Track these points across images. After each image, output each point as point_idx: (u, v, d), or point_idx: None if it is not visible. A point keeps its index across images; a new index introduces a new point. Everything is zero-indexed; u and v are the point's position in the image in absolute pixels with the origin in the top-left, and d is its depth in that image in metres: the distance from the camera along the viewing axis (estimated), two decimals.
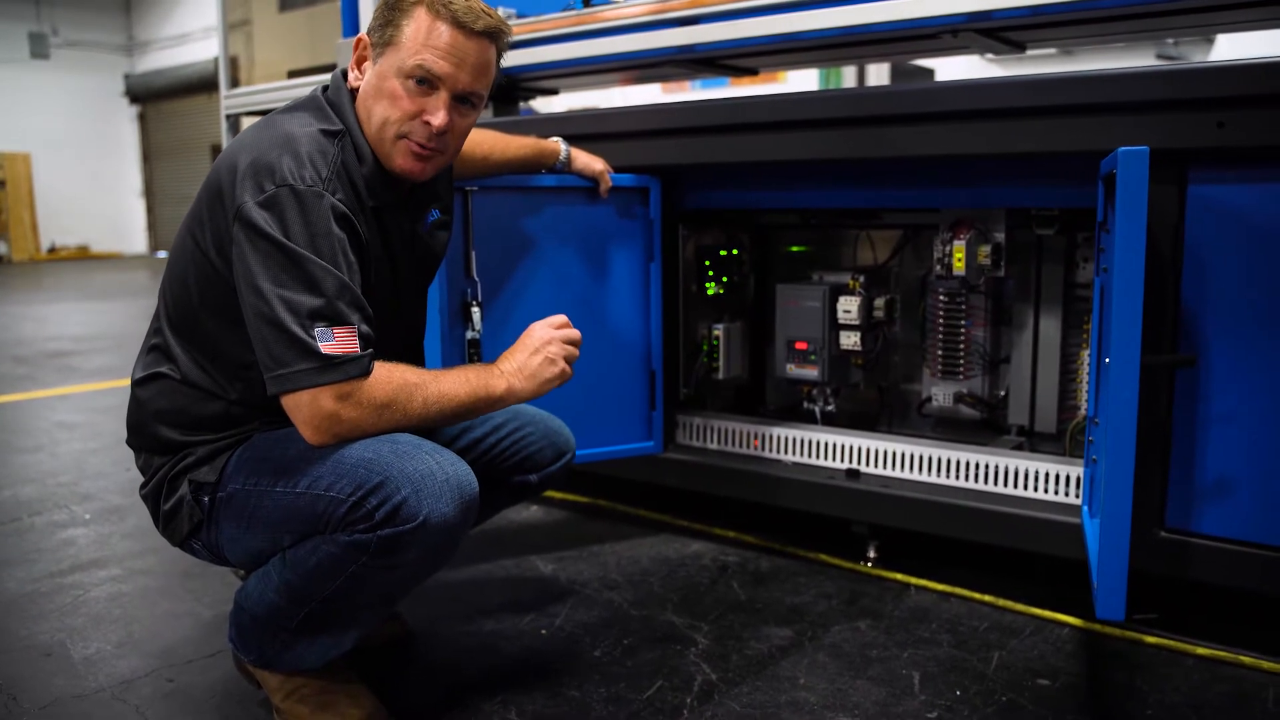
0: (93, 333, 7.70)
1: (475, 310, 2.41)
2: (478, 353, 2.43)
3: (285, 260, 1.57)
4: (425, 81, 1.71)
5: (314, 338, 1.55)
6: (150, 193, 20.02)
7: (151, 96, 19.13)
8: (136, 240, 20.21)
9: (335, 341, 1.56)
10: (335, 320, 1.57)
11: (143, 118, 19.81)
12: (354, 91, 1.79)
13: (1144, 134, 1.98)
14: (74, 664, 2.10)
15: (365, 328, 1.61)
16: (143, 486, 1.85)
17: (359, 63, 1.79)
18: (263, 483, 1.70)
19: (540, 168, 2.48)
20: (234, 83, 4.59)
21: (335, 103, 1.78)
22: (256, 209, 1.58)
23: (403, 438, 1.66)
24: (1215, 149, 1.94)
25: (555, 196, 2.54)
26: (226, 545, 1.78)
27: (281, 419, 1.66)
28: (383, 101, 1.72)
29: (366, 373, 1.60)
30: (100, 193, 19.45)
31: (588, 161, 2.54)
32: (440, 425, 1.80)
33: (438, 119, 1.72)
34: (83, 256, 18.97)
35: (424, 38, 1.69)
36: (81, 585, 2.51)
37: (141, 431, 1.82)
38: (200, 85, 16.93)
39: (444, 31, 1.69)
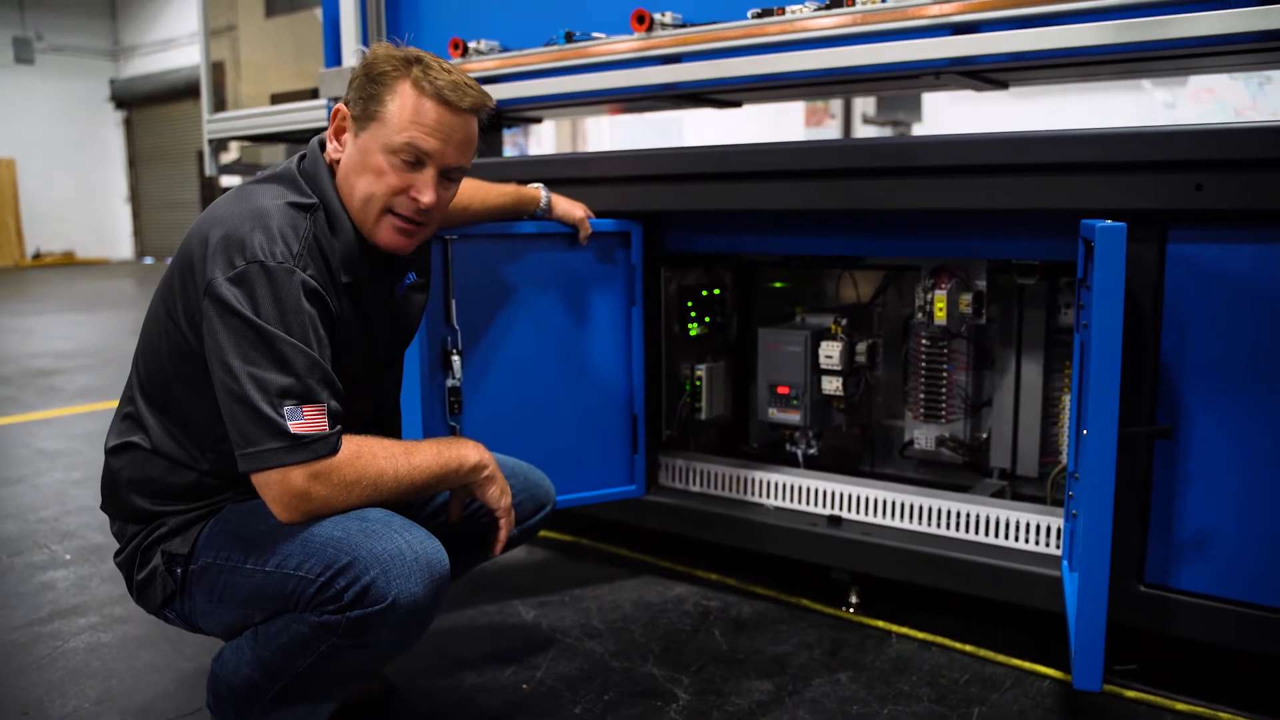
0: (77, 348, 7.66)
1: (455, 358, 2.41)
2: (458, 400, 2.42)
3: (255, 338, 1.57)
4: (412, 158, 1.71)
5: (283, 416, 1.55)
6: (136, 198, 19.93)
7: (137, 102, 19.06)
8: (122, 246, 20.12)
9: (305, 420, 1.56)
10: (305, 398, 1.57)
11: (128, 123, 19.72)
12: (333, 163, 1.78)
13: (1123, 194, 2.00)
14: None
15: (335, 404, 1.61)
16: (117, 554, 1.84)
17: (337, 134, 1.78)
18: (234, 558, 1.69)
19: (521, 215, 2.48)
20: (218, 89, 4.57)
21: (311, 175, 1.77)
22: (226, 285, 1.58)
23: (373, 514, 1.66)
24: (1194, 210, 1.95)
25: (535, 243, 2.54)
26: (200, 617, 1.78)
27: (254, 489, 1.65)
28: (366, 176, 1.72)
29: (335, 450, 1.60)
30: (86, 198, 19.37)
31: (568, 208, 2.53)
32: (412, 498, 1.79)
33: (427, 197, 1.73)
34: (68, 262, 18.87)
35: (410, 114, 1.69)
36: (60, 635, 2.50)
37: (114, 499, 1.82)
38: (186, 91, 16.86)
39: (431, 109, 1.69)
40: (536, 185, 2.50)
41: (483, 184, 2.37)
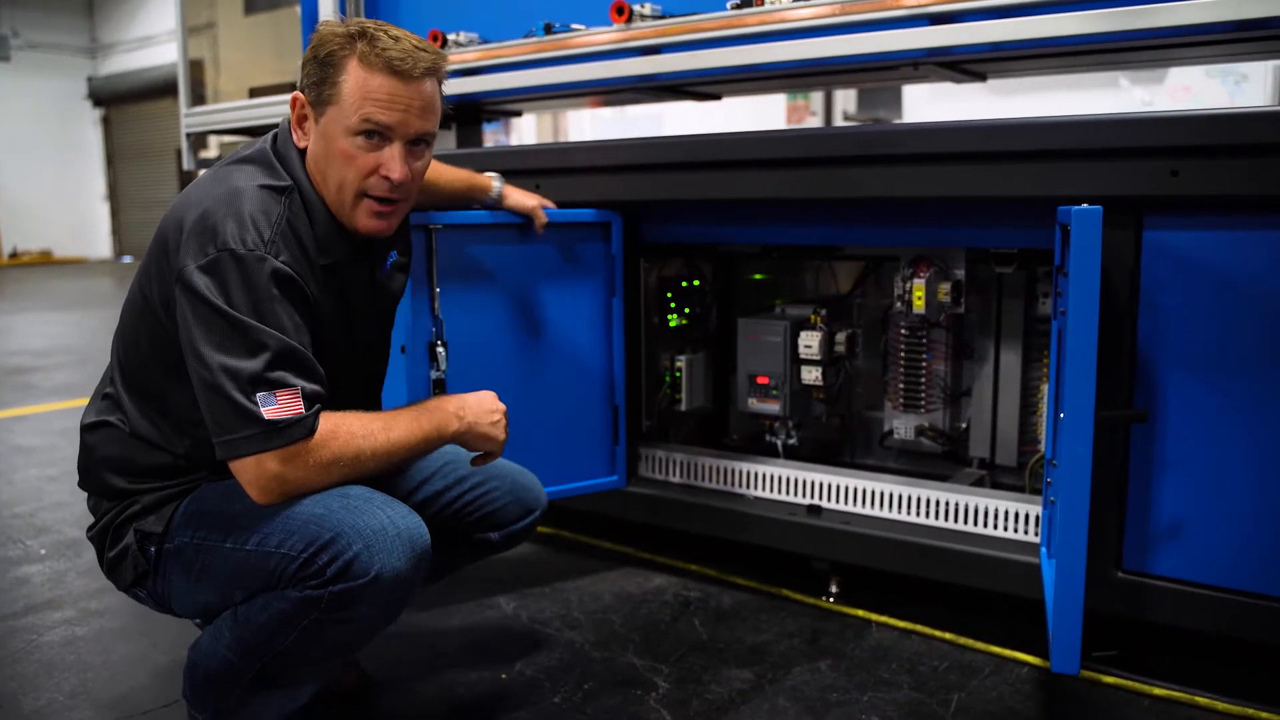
0: (54, 346, 7.60)
1: (440, 350, 2.39)
2: (443, 392, 2.41)
3: (227, 327, 1.56)
4: (374, 135, 1.69)
5: (256, 404, 1.54)
6: (115, 197, 19.77)
7: (116, 100, 18.91)
8: (101, 245, 19.96)
9: (279, 405, 1.55)
10: (278, 384, 1.56)
11: (106, 121, 19.56)
12: (302, 151, 1.76)
13: (1099, 181, 2.00)
14: (24, 716, 2.06)
15: (311, 387, 1.60)
16: (90, 529, 1.84)
17: (299, 122, 1.76)
18: (212, 538, 1.68)
19: (473, 202, 2.44)
20: (197, 85, 4.54)
21: (284, 156, 1.76)
22: (198, 273, 1.57)
23: (354, 491, 1.65)
24: (1169, 197, 1.96)
25: (517, 234, 2.52)
26: (175, 598, 1.77)
27: (229, 470, 1.64)
28: (335, 163, 1.70)
29: (311, 433, 1.59)
30: (63, 197, 19.19)
31: (520, 199, 2.48)
32: (393, 470, 1.79)
33: (397, 173, 1.71)
34: (46, 261, 18.71)
35: (363, 91, 1.66)
36: (35, 629, 2.47)
37: (89, 476, 1.82)
38: (165, 89, 16.71)
39: (383, 83, 1.66)
40: (491, 174, 2.47)
41: (439, 165, 2.33)
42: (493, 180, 2.45)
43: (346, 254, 1.78)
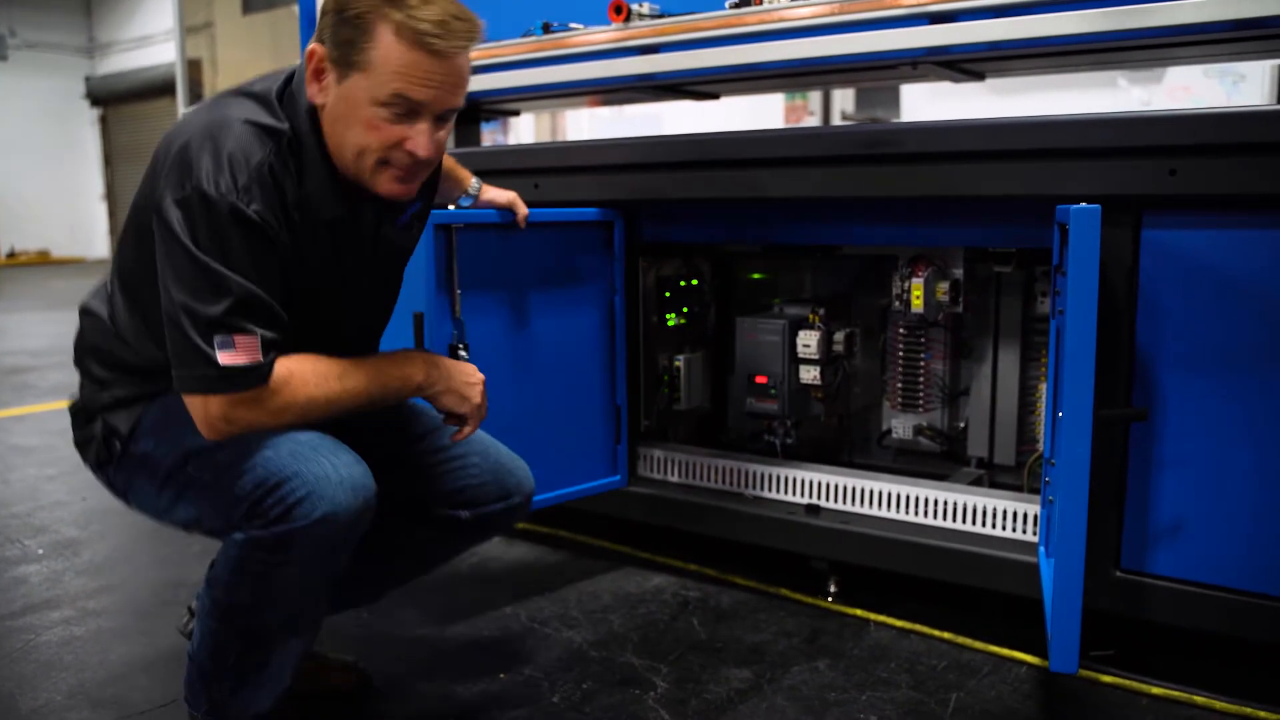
0: (52, 346, 7.58)
1: (462, 353, 2.35)
2: None
3: (192, 267, 1.56)
4: (403, 109, 1.62)
5: (213, 348, 1.55)
6: (112, 197, 19.73)
7: (113, 99, 18.88)
8: (98, 245, 19.92)
9: (236, 350, 1.56)
10: (236, 329, 1.56)
11: (104, 120, 19.53)
12: (317, 107, 1.68)
13: (1098, 180, 2.00)
14: (22, 716, 2.06)
15: (270, 334, 1.59)
16: (72, 404, 1.90)
17: (316, 76, 1.66)
18: (176, 455, 1.73)
19: (449, 195, 2.36)
20: (195, 85, 4.54)
21: (291, 101, 1.69)
22: (173, 207, 1.57)
23: (304, 437, 1.66)
24: (1168, 196, 1.96)
25: (524, 233, 2.49)
26: (133, 496, 1.84)
27: None
28: (356, 129, 1.64)
29: (264, 380, 1.59)
30: (61, 196, 19.17)
31: (495, 194, 2.42)
32: (355, 414, 1.75)
33: (423, 150, 1.66)
34: (43, 261, 18.70)
35: (396, 65, 1.58)
36: (32, 629, 2.47)
37: (77, 355, 1.89)
38: (163, 88, 16.66)
39: (418, 59, 1.58)
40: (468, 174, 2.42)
41: None
42: (471, 177, 2.39)
43: (340, 212, 1.73)
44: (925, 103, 9.07)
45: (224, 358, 1.55)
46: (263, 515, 1.60)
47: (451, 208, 2.38)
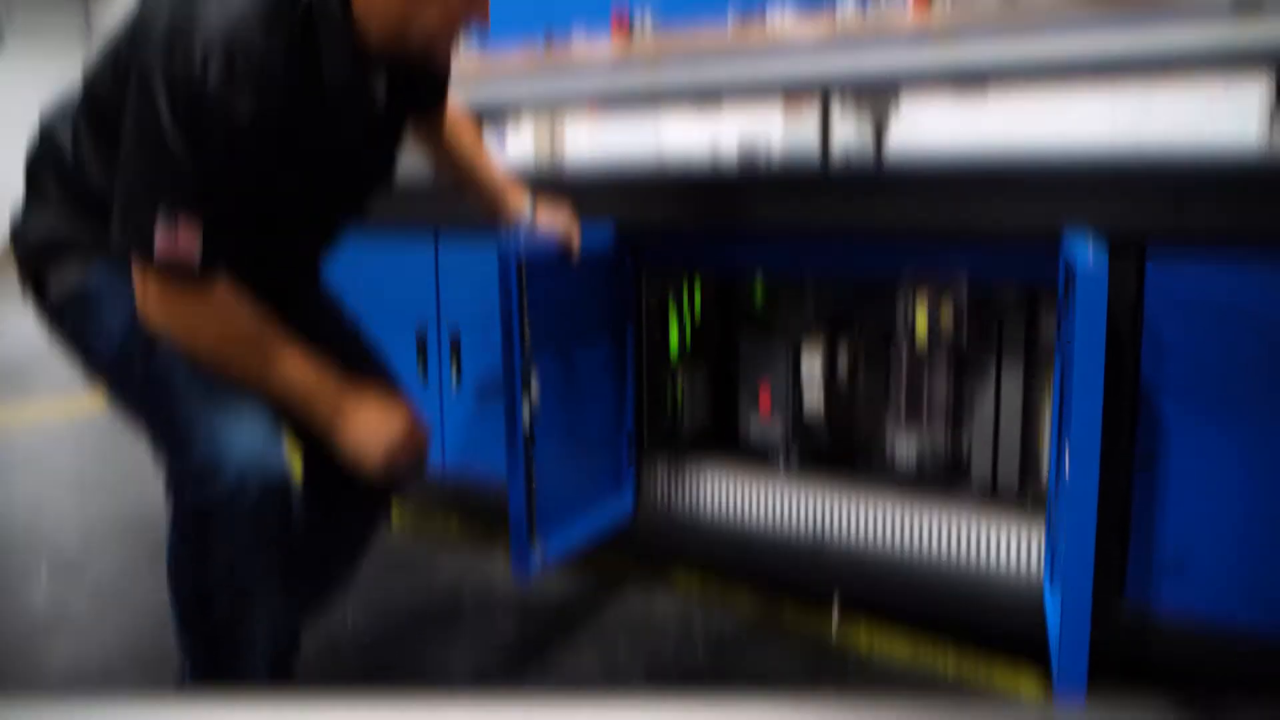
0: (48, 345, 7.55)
1: (534, 382, 2.32)
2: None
3: (160, 142, 1.51)
4: None
5: (155, 225, 1.53)
6: None
7: None
8: None
9: (177, 240, 1.53)
10: (185, 214, 1.53)
11: None
12: None
13: (1103, 213, 1.99)
14: None
15: (215, 240, 1.57)
16: (12, 218, 1.88)
17: None
18: (120, 337, 1.73)
19: (498, 213, 2.30)
20: None
21: None
22: (156, 74, 1.51)
23: (247, 408, 1.66)
24: (1174, 230, 1.94)
25: (559, 260, 2.43)
26: (95, 339, 1.84)
27: None
28: (433, 9, 1.66)
29: (192, 279, 1.58)
30: None
31: (550, 219, 2.33)
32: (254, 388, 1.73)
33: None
34: None
35: None
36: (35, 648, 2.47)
37: (32, 173, 1.89)
38: None
39: None
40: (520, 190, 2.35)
41: (481, 147, 2.26)
42: (525, 198, 2.31)
43: (351, 81, 1.69)
44: (923, 112, 9.02)
45: (162, 241, 1.53)
46: (181, 490, 1.66)
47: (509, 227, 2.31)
